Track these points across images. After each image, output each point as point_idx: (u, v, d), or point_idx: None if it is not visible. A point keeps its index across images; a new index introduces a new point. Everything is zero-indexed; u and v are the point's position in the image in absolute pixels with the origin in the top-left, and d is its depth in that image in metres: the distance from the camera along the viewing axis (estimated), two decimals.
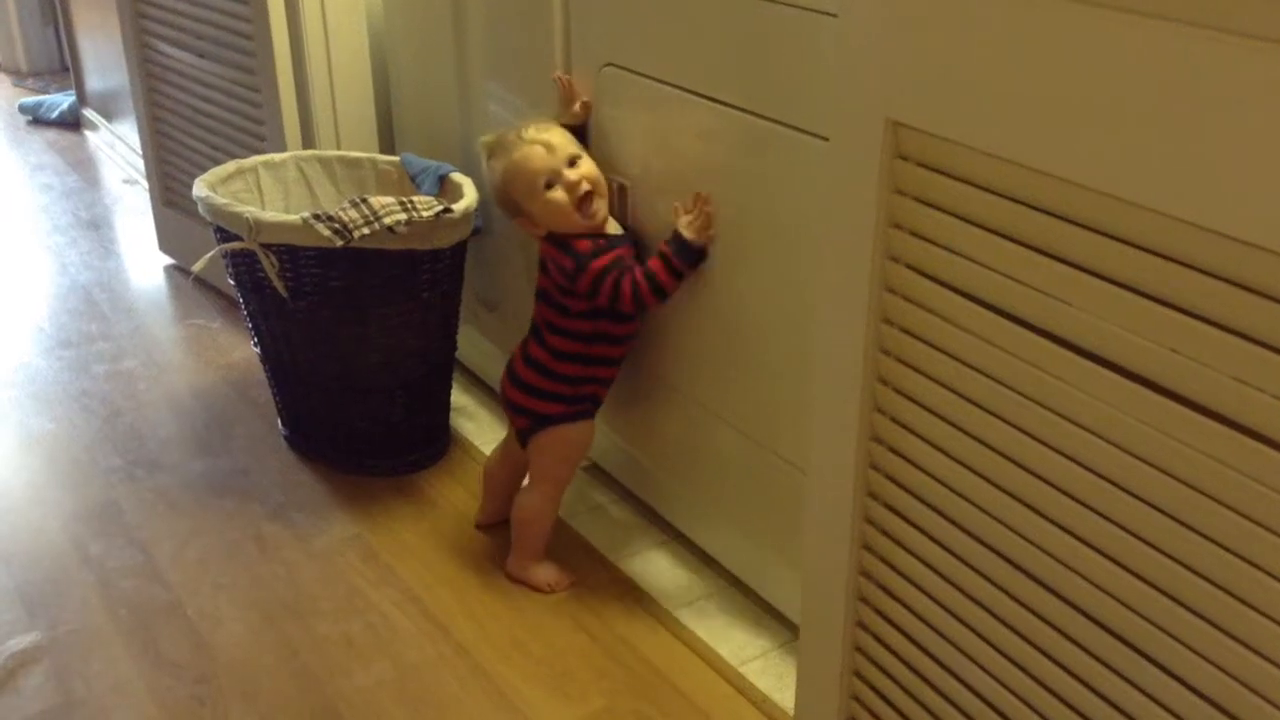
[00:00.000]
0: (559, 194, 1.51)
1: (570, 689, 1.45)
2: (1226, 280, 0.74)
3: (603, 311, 1.55)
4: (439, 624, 1.56)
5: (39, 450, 1.98)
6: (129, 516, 1.80)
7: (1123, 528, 0.85)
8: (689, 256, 1.46)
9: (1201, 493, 0.79)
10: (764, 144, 1.33)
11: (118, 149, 3.36)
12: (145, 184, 2.79)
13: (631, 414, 1.72)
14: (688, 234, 1.45)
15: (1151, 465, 0.81)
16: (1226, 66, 0.70)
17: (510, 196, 1.55)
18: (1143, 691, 0.86)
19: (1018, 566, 0.94)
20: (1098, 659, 0.89)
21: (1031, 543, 0.92)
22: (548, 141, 1.52)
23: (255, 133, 2.21)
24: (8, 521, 1.79)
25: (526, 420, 1.61)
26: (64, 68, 4.00)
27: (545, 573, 1.63)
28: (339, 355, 1.80)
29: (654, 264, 1.48)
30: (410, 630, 1.55)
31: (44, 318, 2.45)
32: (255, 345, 1.93)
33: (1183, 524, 0.80)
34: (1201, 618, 0.81)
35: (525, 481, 1.69)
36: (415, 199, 1.70)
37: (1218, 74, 0.71)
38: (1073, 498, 0.88)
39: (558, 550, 1.68)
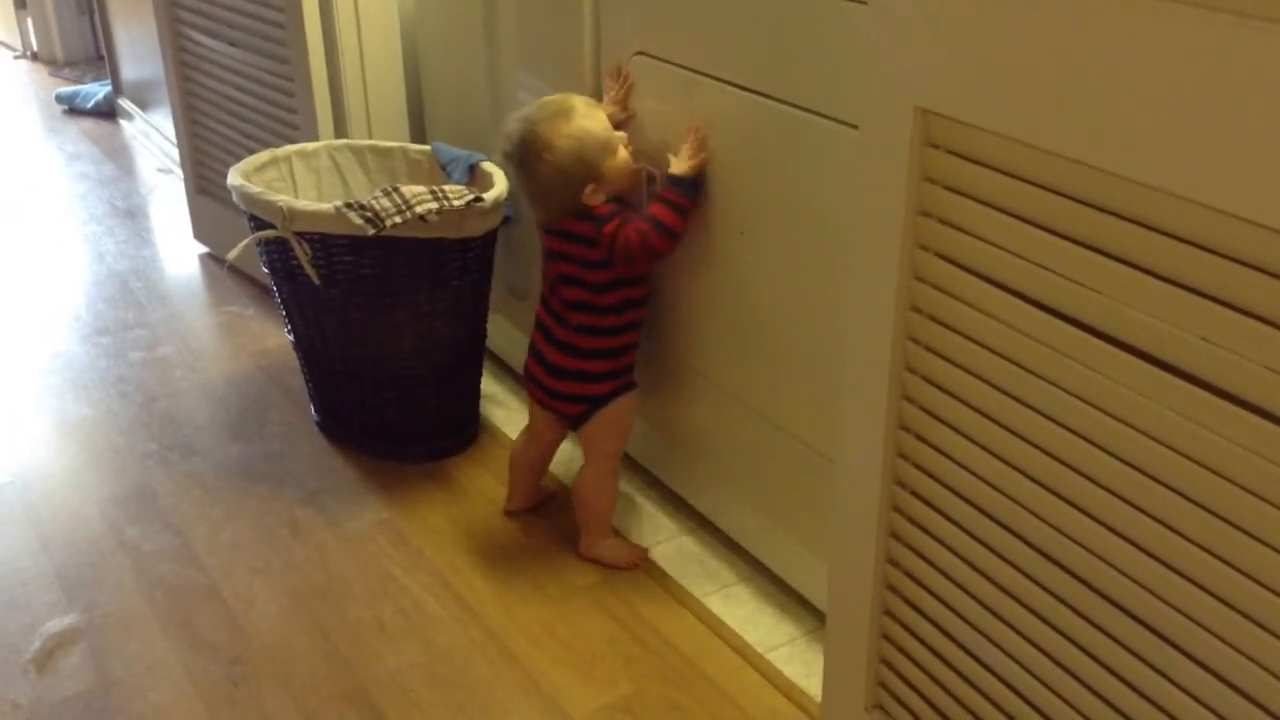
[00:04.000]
0: (625, 153, 1.54)
1: (599, 674, 1.46)
2: (1258, 268, 0.74)
3: (622, 281, 1.56)
4: (469, 608, 1.58)
5: (76, 435, 2.01)
6: (164, 501, 1.83)
7: (1152, 516, 0.84)
8: (683, 188, 1.48)
9: (1231, 481, 0.78)
10: (794, 132, 1.34)
11: (153, 138, 3.39)
12: (180, 173, 2.82)
13: (659, 402, 1.72)
14: (677, 170, 1.47)
15: (1181, 453, 0.81)
16: (1262, 54, 0.70)
17: (585, 156, 1.51)
18: (1172, 681, 0.86)
19: (1046, 555, 0.94)
20: (1126, 648, 0.89)
21: (1060, 531, 0.92)
22: (599, 111, 1.56)
23: (288, 122, 2.23)
24: (46, 505, 1.82)
25: (581, 407, 1.62)
26: (99, 57, 4.04)
27: (618, 549, 1.65)
28: (370, 342, 1.81)
29: (654, 208, 1.50)
30: (441, 614, 1.57)
31: (81, 305, 2.48)
32: (288, 332, 1.94)
33: (1212, 513, 0.80)
34: (1230, 606, 0.80)
35: (581, 462, 1.69)
36: (446, 188, 1.71)
37: (1252, 62, 0.70)
38: (1102, 486, 0.88)
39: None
